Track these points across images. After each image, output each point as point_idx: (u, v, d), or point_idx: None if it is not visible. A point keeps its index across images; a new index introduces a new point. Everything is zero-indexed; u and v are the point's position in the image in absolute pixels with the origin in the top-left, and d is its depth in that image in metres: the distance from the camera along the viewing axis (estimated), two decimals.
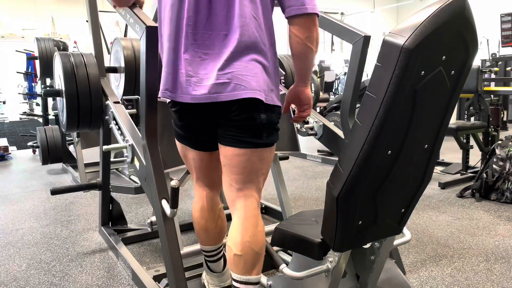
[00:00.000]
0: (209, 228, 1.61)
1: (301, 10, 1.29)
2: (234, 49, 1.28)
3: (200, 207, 1.61)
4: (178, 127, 1.48)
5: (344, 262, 1.33)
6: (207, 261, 1.71)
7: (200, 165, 1.51)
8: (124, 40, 2.61)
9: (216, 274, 1.71)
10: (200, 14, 1.30)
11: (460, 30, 1.05)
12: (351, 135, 1.15)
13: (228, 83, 1.27)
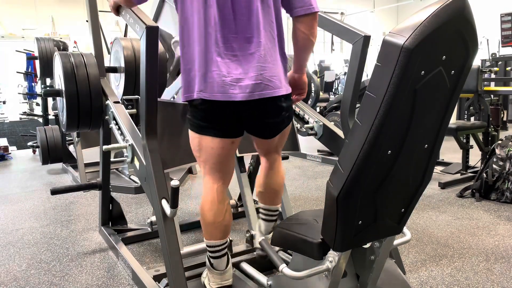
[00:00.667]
0: (216, 221, 1.64)
1: (309, 10, 1.51)
2: (260, 51, 1.46)
3: (210, 200, 1.64)
4: (203, 121, 1.54)
5: (344, 262, 1.33)
6: (211, 258, 1.70)
7: (220, 153, 1.58)
8: (124, 40, 2.61)
9: (218, 272, 1.71)
10: (226, 20, 1.45)
11: (460, 30, 1.05)
12: (351, 135, 1.15)
13: (259, 83, 1.46)
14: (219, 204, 1.64)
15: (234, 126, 1.56)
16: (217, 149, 1.56)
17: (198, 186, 4.04)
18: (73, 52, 2.38)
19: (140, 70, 1.76)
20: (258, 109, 1.51)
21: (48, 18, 10.18)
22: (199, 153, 1.62)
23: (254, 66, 1.45)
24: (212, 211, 1.63)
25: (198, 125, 1.55)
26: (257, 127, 1.62)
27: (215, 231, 1.66)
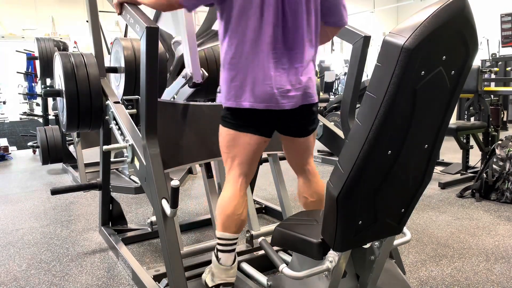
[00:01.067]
0: (236, 213, 1.70)
1: (342, 23, 1.77)
2: (303, 65, 1.65)
3: (233, 192, 1.70)
4: (246, 122, 1.66)
5: (344, 262, 1.33)
6: (220, 251, 1.71)
7: (254, 149, 1.71)
8: (124, 40, 2.61)
9: (224, 267, 1.71)
10: (278, 37, 1.61)
11: (460, 30, 1.05)
12: (351, 135, 1.15)
13: (303, 93, 1.66)
14: (240, 198, 1.70)
15: (272, 127, 1.74)
16: (253, 145, 1.69)
17: (198, 186, 4.05)
18: (73, 52, 2.38)
19: (140, 70, 1.76)
20: (298, 114, 1.70)
21: (48, 18, 10.17)
22: (232, 148, 1.70)
23: (299, 78, 1.64)
24: (234, 203, 1.69)
25: (238, 124, 1.67)
26: (294, 128, 1.79)
27: (232, 224, 1.70)
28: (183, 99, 2.26)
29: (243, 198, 1.71)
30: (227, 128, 1.69)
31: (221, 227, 1.70)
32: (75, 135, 4.38)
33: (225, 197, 1.70)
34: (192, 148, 2.13)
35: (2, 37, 9.91)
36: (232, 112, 1.67)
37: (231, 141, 1.69)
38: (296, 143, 1.84)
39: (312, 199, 1.89)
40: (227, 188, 1.72)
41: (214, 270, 1.73)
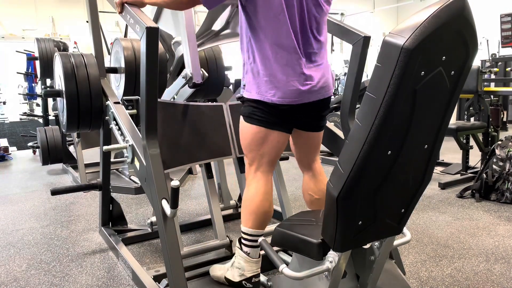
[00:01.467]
0: (269, 210, 1.76)
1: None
2: (324, 62, 1.78)
3: (266, 191, 1.75)
4: (275, 118, 1.70)
5: (344, 262, 1.33)
6: (250, 247, 1.75)
7: (282, 147, 1.78)
8: (124, 41, 2.61)
9: (255, 260, 1.76)
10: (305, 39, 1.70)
11: (460, 30, 1.05)
12: (351, 135, 1.15)
13: (324, 87, 1.75)
14: (271, 196, 1.76)
15: (294, 123, 1.80)
16: (282, 143, 1.76)
17: (198, 186, 4.04)
18: (73, 53, 2.38)
19: (140, 71, 1.76)
20: (318, 107, 1.78)
21: (48, 18, 10.18)
22: (261, 146, 1.73)
23: (322, 74, 1.74)
24: (268, 202, 1.75)
25: (268, 121, 1.70)
26: (312, 121, 1.84)
27: (266, 220, 1.76)
28: (183, 99, 2.26)
29: (269, 192, 1.76)
30: (255, 125, 1.71)
31: (253, 225, 1.74)
32: (75, 135, 4.38)
33: (255, 195, 1.73)
34: (192, 148, 2.13)
35: (2, 37, 9.91)
36: (260, 107, 1.68)
37: (260, 139, 1.72)
38: (309, 138, 1.88)
39: (317, 196, 1.91)
40: (258, 186, 1.74)
41: (244, 264, 1.76)
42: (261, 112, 1.69)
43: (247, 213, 1.74)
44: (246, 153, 1.80)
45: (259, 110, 1.69)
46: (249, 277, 1.76)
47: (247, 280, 1.76)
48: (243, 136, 1.77)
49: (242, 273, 1.76)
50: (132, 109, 2.28)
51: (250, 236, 1.74)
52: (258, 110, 1.69)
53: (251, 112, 1.71)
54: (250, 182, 1.77)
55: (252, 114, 1.71)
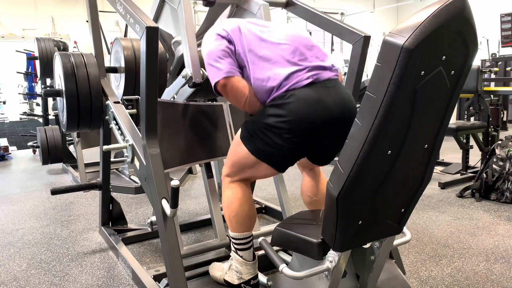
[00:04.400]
0: (251, 213, 1.75)
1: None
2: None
3: (243, 195, 1.72)
4: (286, 152, 1.57)
5: (344, 262, 1.33)
6: (242, 250, 1.75)
7: (268, 176, 1.74)
8: (124, 40, 2.61)
9: (251, 262, 1.77)
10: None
11: (460, 30, 1.05)
12: (351, 135, 1.15)
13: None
14: (251, 199, 1.75)
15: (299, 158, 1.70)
16: (267, 175, 1.72)
17: (198, 186, 4.04)
18: (73, 52, 2.38)
19: (140, 70, 1.76)
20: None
21: (48, 18, 10.17)
22: (245, 170, 1.68)
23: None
24: (248, 205, 1.73)
25: (274, 157, 1.59)
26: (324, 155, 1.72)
27: (250, 223, 1.75)
28: (183, 99, 2.26)
29: (247, 196, 1.73)
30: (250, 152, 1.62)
31: (240, 229, 1.73)
32: (75, 135, 4.38)
33: (236, 200, 1.71)
34: (192, 148, 2.13)
35: (2, 37, 9.90)
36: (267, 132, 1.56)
37: (249, 165, 1.65)
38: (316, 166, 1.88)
39: (316, 198, 1.91)
40: (236, 192, 1.72)
41: (241, 267, 1.76)
42: (279, 146, 1.63)
43: (229, 219, 1.73)
44: (227, 166, 1.74)
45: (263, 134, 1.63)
46: (247, 280, 1.76)
47: (246, 283, 1.76)
48: (234, 150, 1.71)
49: (240, 276, 1.76)
50: (132, 109, 2.28)
51: (239, 240, 1.74)
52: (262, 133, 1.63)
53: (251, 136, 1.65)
54: (225, 189, 1.75)
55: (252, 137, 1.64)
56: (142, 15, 1.77)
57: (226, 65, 1.59)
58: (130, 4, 1.92)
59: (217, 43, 1.63)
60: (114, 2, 2.05)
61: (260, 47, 1.62)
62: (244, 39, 1.64)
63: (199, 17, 10.26)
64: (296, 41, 1.65)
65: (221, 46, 1.62)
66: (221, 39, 1.64)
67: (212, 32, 1.69)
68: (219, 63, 1.59)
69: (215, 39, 1.65)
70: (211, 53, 1.62)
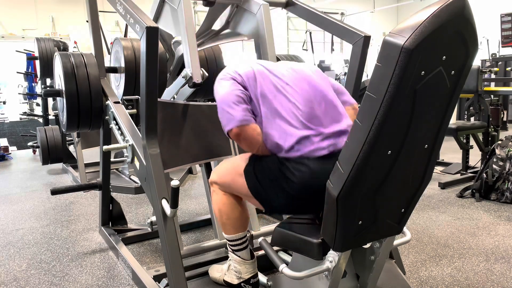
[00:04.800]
0: (242, 214, 1.73)
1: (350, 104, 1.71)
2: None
3: (238, 199, 1.70)
4: (281, 204, 1.53)
5: (344, 262, 1.33)
6: (239, 250, 1.75)
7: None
8: (124, 40, 2.61)
9: (249, 261, 1.77)
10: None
11: (460, 30, 1.05)
12: (351, 135, 1.15)
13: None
14: (242, 200, 1.73)
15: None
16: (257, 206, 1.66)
17: (198, 186, 4.05)
18: (73, 52, 2.38)
19: (140, 70, 1.76)
20: None
21: (48, 18, 10.18)
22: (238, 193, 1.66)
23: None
24: (240, 208, 1.71)
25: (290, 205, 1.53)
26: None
27: (243, 224, 1.74)
28: (183, 99, 2.26)
29: (238, 199, 1.70)
30: (248, 188, 1.57)
31: (233, 231, 1.73)
32: (75, 135, 4.37)
33: (225, 203, 1.70)
34: (192, 148, 2.13)
35: (2, 37, 9.91)
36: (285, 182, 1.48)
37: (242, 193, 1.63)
38: None
39: None
40: (219, 195, 1.71)
41: (239, 267, 1.76)
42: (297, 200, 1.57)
43: (221, 222, 1.73)
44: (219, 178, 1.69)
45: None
46: (247, 279, 1.76)
47: (246, 282, 1.76)
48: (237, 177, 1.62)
49: (239, 276, 1.77)
50: (132, 109, 2.28)
51: (235, 241, 1.74)
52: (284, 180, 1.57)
53: (257, 176, 1.58)
54: (214, 194, 1.73)
55: (258, 177, 1.58)
56: (142, 15, 1.77)
57: (240, 112, 1.50)
58: (130, 4, 1.92)
59: (232, 87, 1.54)
60: (114, 2, 2.05)
61: (275, 100, 1.53)
62: (259, 88, 1.55)
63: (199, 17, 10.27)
64: (312, 100, 1.54)
65: (235, 91, 1.53)
66: (236, 84, 1.55)
67: (226, 74, 1.60)
68: (233, 109, 1.50)
69: (230, 84, 1.55)
70: (225, 97, 1.53)
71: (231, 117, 1.50)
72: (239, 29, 2.46)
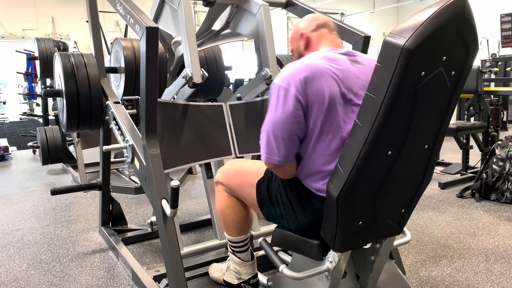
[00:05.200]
0: (250, 217, 1.73)
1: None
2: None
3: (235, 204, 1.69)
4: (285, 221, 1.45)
5: (344, 262, 1.33)
6: (240, 252, 1.75)
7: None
8: (124, 40, 2.61)
9: (249, 263, 1.77)
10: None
11: (460, 30, 1.05)
12: (351, 135, 1.15)
13: None
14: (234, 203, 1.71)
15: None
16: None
17: (198, 186, 4.04)
18: (73, 52, 2.38)
19: (140, 71, 1.76)
20: None
21: (48, 18, 10.18)
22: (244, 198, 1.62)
23: None
24: (244, 211, 1.70)
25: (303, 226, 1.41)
26: None
27: (246, 227, 1.73)
28: (183, 99, 2.26)
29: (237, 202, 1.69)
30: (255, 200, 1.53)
31: (236, 233, 1.72)
32: (75, 135, 4.37)
33: (225, 204, 1.69)
34: (192, 148, 2.13)
35: (2, 37, 9.91)
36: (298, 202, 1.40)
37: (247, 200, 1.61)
38: None
39: None
40: (224, 197, 1.70)
41: (239, 268, 1.76)
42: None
43: (224, 223, 1.72)
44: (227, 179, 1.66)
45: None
46: (247, 280, 1.76)
47: (245, 282, 1.77)
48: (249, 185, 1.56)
49: (239, 276, 1.77)
50: (132, 109, 2.28)
51: (236, 243, 1.74)
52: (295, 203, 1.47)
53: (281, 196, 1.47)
54: (219, 195, 1.72)
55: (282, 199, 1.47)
56: (142, 15, 1.77)
57: (286, 151, 1.30)
58: (130, 4, 1.92)
59: (289, 112, 1.26)
60: (114, 2, 2.05)
61: (340, 116, 1.28)
62: (325, 115, 1.26)
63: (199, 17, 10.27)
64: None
65: (292, 122, 1.26)
66: (296, 104, 1.25)
67: (290, 83, 1.26)
68: (280, 144, 1.29)
69: (292, 104, 1.25)
70: (277, 124, 1.28)
71: (274, 152, 1.31)
72: (239, 29, 2.46)
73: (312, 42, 1.49)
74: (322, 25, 1.49)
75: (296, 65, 1.31)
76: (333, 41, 1.47)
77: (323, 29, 1.49)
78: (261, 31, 2.26)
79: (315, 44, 1.48)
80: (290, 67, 1.33)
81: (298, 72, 1.27)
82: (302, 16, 2.51)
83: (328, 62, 1.30)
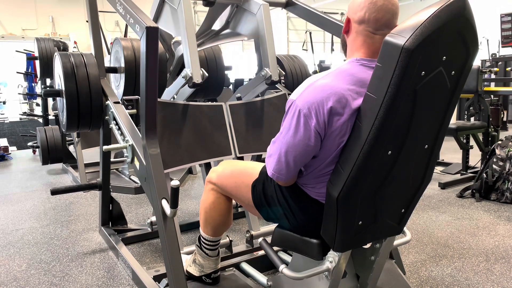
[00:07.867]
0: (230, 222, 1.75)
1: None
2: None
3: (229, 207, 1.71)
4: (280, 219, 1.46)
5: (344, 262, 1.33)
6: (210, 249, 1.78)
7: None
8: (124, 40, 2.61)
9: (214, 258, 1.80)
10: None
11: (460, 30, 1.05)
12: (351, 135, 1.15)
13: None
14: (231, 210, 1.73)
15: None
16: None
17: (198, 186, 4.04)
18: (73, 52, 2.38)
19: (140, 70, 1.76)
20: None
21: (48, 18, 10.18)
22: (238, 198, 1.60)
23: None
24: (227, 216, 1.72)
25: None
26: None
27: (224, 230, 1.76)
28: (183, 99, 2.26)
29: (228, 207, 1.70)
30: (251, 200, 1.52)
31: (209, 232, 1.74)
32: (75, 135, 4.37)
33: (211, 205, 1.68)
34: (192, 148, 2.13)
35: (2, 37, 9.91)
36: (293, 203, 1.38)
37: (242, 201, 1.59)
38: None
39: None
40: (212, 197, 1.68)
41: (203, 262, 1.80)
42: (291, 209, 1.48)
43: (204, 221, 1.72)
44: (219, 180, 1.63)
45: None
46: (208, 274, 1.81)
47: (207, 276, 1.81)
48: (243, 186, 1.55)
49: (202, 269, 1.81)
50: (132, 109, 2.28)
51: (209, 242, 1.76)
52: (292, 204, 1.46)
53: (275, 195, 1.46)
54: (207, 193, 1.70)
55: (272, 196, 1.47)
56: (142, 15, 1.77)
57: (294, 172, 1.29)
58: (130, 4, 1.92)
59: (306, 142, 1.18)
60: (114, 2, 2.05)
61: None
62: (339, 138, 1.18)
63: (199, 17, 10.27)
64: None
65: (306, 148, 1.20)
66: (315, 136, 1.17)
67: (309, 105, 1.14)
68: (289, 167, 1.25)
69: (311, 136, 1.17)
70: (290, 146, 1.21)
71: (282, 172, 1.28)
72: (239, 29, 2.46)
73: (351, 35, 1.26)
74: (378, 20, 1.23)
75: (320, 85, 1.15)
76: (375, 45, 1.22)
77: (378, 23, 1.22)
78: (261, 31, 2.26)
79: (352, 41, 1.25)
80: (312, 85, 1.17)
81: (322, 99, 1.13)
82: (302, 16, 2.52)
83: (356, 87, 1.15)
